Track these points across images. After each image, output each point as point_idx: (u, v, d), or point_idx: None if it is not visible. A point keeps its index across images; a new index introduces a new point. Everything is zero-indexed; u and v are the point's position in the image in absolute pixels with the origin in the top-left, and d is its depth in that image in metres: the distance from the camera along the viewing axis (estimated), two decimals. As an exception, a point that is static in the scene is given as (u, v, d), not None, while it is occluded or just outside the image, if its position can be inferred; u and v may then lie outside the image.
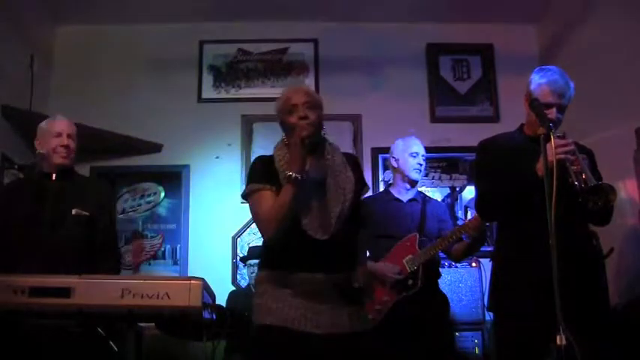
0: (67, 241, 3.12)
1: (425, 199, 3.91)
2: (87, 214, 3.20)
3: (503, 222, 2.94)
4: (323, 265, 2.47)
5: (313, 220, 2.48)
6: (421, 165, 3.83)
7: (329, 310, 2.46)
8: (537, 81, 2.80)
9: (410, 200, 3.83)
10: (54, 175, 3.28)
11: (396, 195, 3.85)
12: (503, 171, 2.76)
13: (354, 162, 2.73)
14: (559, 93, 2.74)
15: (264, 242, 2.66)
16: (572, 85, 2.79)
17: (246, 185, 2.62)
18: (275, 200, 2.49)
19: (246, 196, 2.62)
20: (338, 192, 2.54)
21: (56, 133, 3.28)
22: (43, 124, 3.38)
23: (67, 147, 3.27)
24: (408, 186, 3.84)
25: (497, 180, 2.78)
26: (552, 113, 2.72)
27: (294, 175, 2.42)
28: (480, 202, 2.95)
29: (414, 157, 3.81)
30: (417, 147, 3.85)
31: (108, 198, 3.54)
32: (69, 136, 3.30)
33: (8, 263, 2.97)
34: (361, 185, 2.69)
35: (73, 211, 3.18)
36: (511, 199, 2.74)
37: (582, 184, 2.51)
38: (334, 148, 2.68)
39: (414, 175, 3.81)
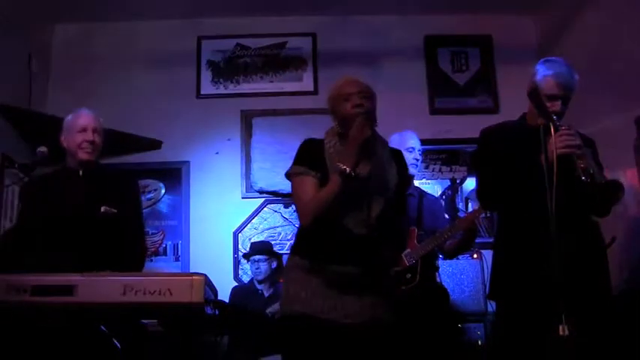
0: (96, 238, 3.04)
1: (421, 193, 3.92)
2: (115, 211, 3.13)
3: (504, 211, 2.94)
4: (358, 260, 2.47)
5: (355, 215, 2.48)
6: (417, 160, 3.82)
7: (358, 300, 2.46)
8: (543, 72, 2.79)
9: (407, 195, 3.83)
10: (81, 172, 3.20)
11: None
12: (505, 160, 2.76)
13: (399, 158, 2.73)
14: (565, 85, 2.74)
15: (299, 227, 2.65)
16: (576, 77, 2.78)
17: (292, 165, 2.62)
18: (320, 190, 2.49)
19: (288, 176, 2.63)
20: (382, 188, 2.53)
21: (81, 128, 3.17)
22: (67, 118, 3.27)
23: (92, 142, 3.17)
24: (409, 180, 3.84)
25: (499, 169, 2.78)
26: (557, 105, 2.72)
27: (348, 170, 2.40)
28: (481, 191, 2.95)
29: (411, 152, 3.81)
30: (413, 141, 3.85)
31: (135, 193, 3.45)
32: (94, 130, 3.20)
33: (35, 262, 2.94)
34: (405, 179, 2.69)
35: (102, 209, 3.10)
36: (513, 189, 2.75)
37: (589, 180, 2.51)
38: (382, 143, 2.68)
39: (411, 171, 3.80)
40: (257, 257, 4.58)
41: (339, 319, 2.44)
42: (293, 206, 4.65)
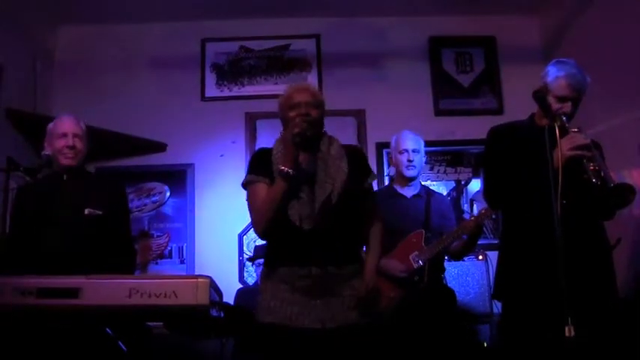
0: (81, 241, 3.09)
1: (429, 193, 3.91)
2: (100, 213, 3.16)
3: (510, 211, 2.94)
4: (316, 258, 2.48)
5: (299, 210, 2.51)
6: (412, 161, 3.79)
7: (327, 304, 2.48)
8: (555, 73, 2.78)
9: (414, 196, 3.83)
10: (65, 176, 3.24)
11: (400, 191, 3.84)
12: (512, 160, 2.75)
13: (355, 153, 2.74)
14: (576, 87, 2.73)
15: (263, 238, 2.71)
16: (588, 79, 2.78)
17: (245, 175, 2.68)
18: (266, 194, 2.55)
19: (243, 187, 2.70)
20: (326, 183, 2.54)
21: (61, 134, 3.22)
22: (50, 124, 3.33)
23: (72, 147, 3.20)
24: (407, 182, 3.84)
25: (506, 169, 2.78)
26: (567, 107, 2.72)
27: (285, 169, 2.46)
28: (488, 190, 2.95)
29: (403, 153, 3.80)
30: (408, 142, 3.82)
31: (120, 196, 3.49)
32: (75, 135, 3.23)
33: (21, 265, 2.96)
34: (364, 174, 2.69)
35: (86, 211, 3.14)
36: (519, 190, 2.74)
37: (599, 182, 2.50)
38: (332, 140, 2.69)
39: (407, 172, 3.79)
40: (262, 260, 4.56)
41: (310, 324, 2.45)
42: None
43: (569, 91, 2.73)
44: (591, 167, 2.53)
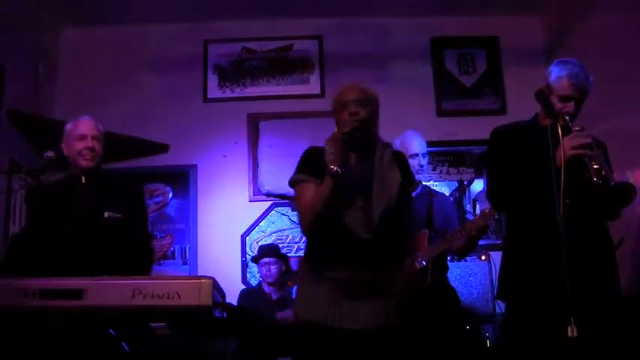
0: (100, 244, 3.06)
1: (431, 193, 3.91)
2: (119, 216, 3.14)
3: (514, 212, 2.94)
4: (363, 263, 2.47)
5: (357, 218, 2.49)
6: (422, 166, 3.79)
7: (369, 306, 2.47)
8: (557, 73, 2.78)
9: (416, 196, 3.82)
10: (83, 179, 3.21)
11: None
12: (515, 161, 2.75)
13: (402, 160, 2.74)
14: (578, 86, 2.73)
15: (308, 236, 2.68)
16: (591, 78, 2.78)
17: (294, 173, 2.66)
18: (315, 192, 2.52)
19: (291, 184, 2.68)
20: (383, 191, 2.53)
21: (80, 136, 3.20)
22: (68, 125, 3.30)
23: (92, 149, 3.19)
24: (417, 185, 3.83)
25: (509, 169, 2.78)
26: (570, 106, 2.72)
27: (334, 169, 2.44)
28: (491, 191, 2.95)
29: (415, 158, 3.78)
30: (416, 146, 3.81)
31: (139, 197, 3.47)
32: (94, 137, 3.22)
33: (41, 269, 2.95)
34: (408, 183, 2.70)
35: (105, 214, 3.11)
36: (522, 190, 2.74)
37: (600, 181, 2.50)
38: (384, 146, 2.69)
39: (417, 177, 3.78)
40: (268, 259, 4.57)
41: (350, 325, 2.44)
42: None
43: (571, 90, 2.73)
44: (593, 166, 2.53)
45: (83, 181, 3.21)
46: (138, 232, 3.29)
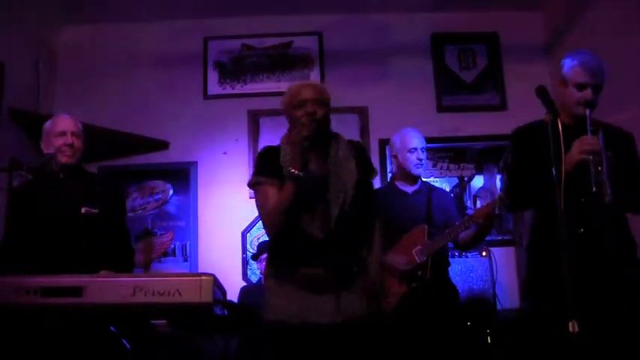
0: (78, 239, 3.09)
1: (430, 188, 3.91)
2: (96, 211, 3.17)
3: (535, 212, 2.93)
4: (322, 262, 2.50)
5: (313, 218, 2.51)
6: (421, 160, 3.80)
7: (332, 300, 2.48)
8: (569, 63, 2.78)
9: (415, 192, 3.83)
10: (61, 175, 3.25)
11: (401, 187, 3.84)
12: (532, 162, 2.74)
13: (358, 149, 2.74)
14: (593, 71, 2.72)
15: (269, 238, 2.70)
16: (605, 65, 2.76)
17: (252, 175, 2.67)
18: (277, 196, 2.53)
19: (250, 186, 2.68)
20: (339, 189, 2.55)
21: (59, 132, 3.24)
22: (46, 123, 3.35)
23: (71, 145, 3.23)
24: (415, 180, 3.84)
25: (525, 172, 2.77)
26: (589, 94, 2.71)
27: (295, 172, 2.45)
28: (507, 193, 2.96)
29: (413, 152, 3.79)
30: (416, 141, 3.81)
31: (117, 194, 3.51)
32: (73, 134, 3.26)
33: (20, 263, 2.97)
34: (367, 172, 2.70)
35: (83, 210, 3.15)
36: (536, 192, 2.73)
37: (598, 190, 2.49)
38: (340, 141, 2.69)
39: (416, 171, 3.80)
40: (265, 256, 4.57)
41: (314, 319, 2.46)
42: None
43: (586, 76, 2.71)
44: (595, 172, 2.52)
45: (61, 177, 3.25)
46: (116, 229, 3.31)
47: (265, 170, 2.62)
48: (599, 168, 2.52)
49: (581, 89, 2.71)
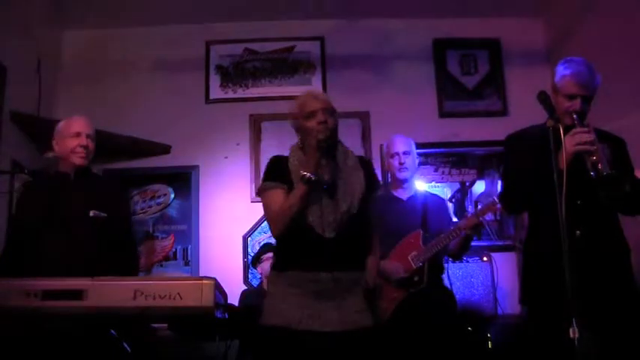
0: (84, 242, 3.09)
1: (424, 194, 3.92)
2: (104, 215, 3.16)
3: (530, 215, 2.94)
4: (329, 264, 2.51)
5: (321, 217, 2.53)
6: (404, 163, 3.80)
7: (336, 308, 2.49)
8: (561, 72, 2.81)
9: (410, 198, 3.84)
10: (72, 176, 3.24)
11: (395, 194, 3.86)
12: (526, 165, 2.76)
13: (366, 165, 2.79)
14: (583, 84, 2.75)
15: (276, 242, 2.72)
16: (598, 76, 2.79)
17: (261, 182, 2.71)
18: (286, 199, 2.56)
19: (259, 193, 2.73)
20: (347, 192, 2.59)
21: (75, 134, 3.24)
22: (61, 124, 3.33)
23: (85, 147, 3.23)
24: (402, 185, 3.85)
25: (520, 174, 2.80)
26: (577, 104, 2.73)
27: (308, 175, 2.49)
28: (503, 196, 3.00)
29: (395, 157, 3.82)
30: (397, 145, 3.84)
31: (123, 198, 3.51)
32: (88, 136, 3.26)
33: (25, 265, 2.97)
34: (373, 187, 2.74)
35: (91, 213, 3.13)
36: (535, 193, 2.74)
37: (596, 173, 2.51)
38: (347, 151, 2.74)
39: (400, 175, 3.82)
40: (272, 254, 4.55)
41: (318, 328, 2.46)
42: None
43: (576, 89, 2.74)
44: (592, 158, 2.54)
45: (72, 179, 3.24)
46: (123, 233, 3.32)
47: (273, 176, 2.68)
48: (594, 158, 2.54)
49: (570, 99, 2.75)
